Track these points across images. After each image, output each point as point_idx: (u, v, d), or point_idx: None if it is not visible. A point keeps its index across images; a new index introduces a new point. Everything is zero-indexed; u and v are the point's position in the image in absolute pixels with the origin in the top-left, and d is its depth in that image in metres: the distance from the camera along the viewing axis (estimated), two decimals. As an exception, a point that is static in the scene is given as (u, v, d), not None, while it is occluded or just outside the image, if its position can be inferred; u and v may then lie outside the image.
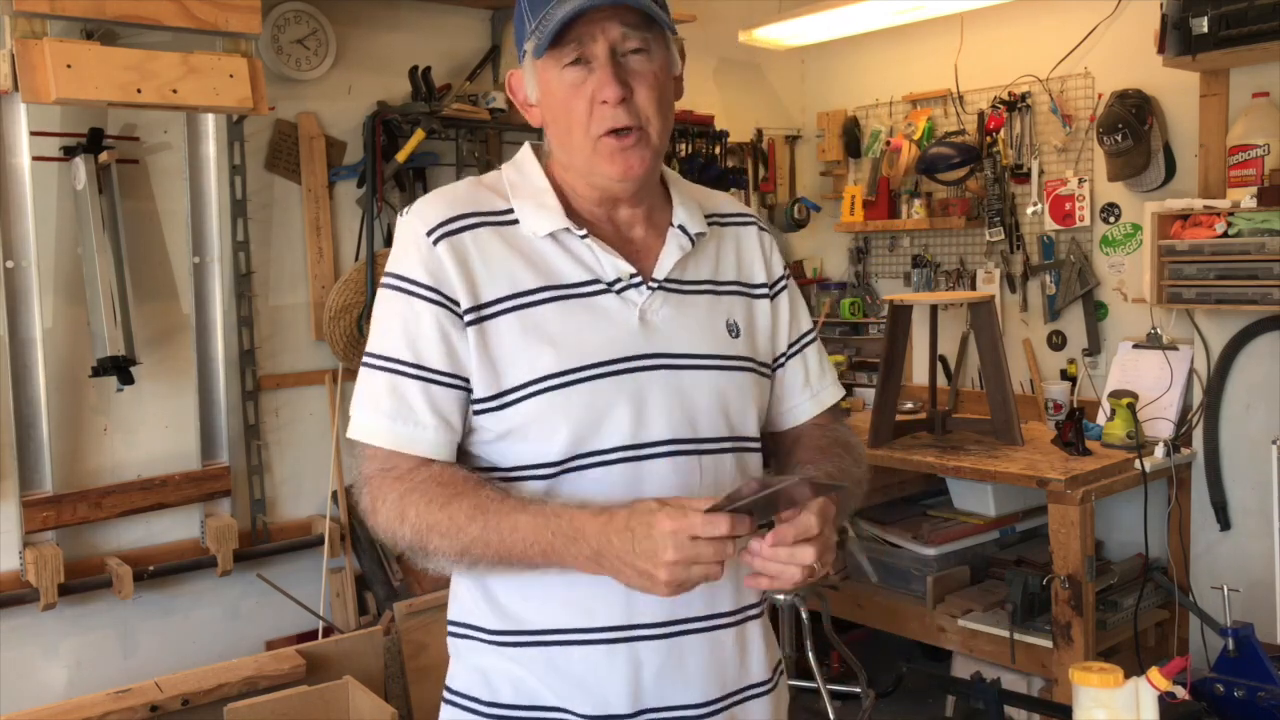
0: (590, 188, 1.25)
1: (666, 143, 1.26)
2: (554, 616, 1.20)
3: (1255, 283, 2.92)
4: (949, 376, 3.66)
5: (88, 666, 2.82)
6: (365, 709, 2.52)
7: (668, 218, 1.31)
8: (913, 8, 3.49)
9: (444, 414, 1.19)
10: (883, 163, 4.05)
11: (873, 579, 3.34)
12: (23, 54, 2.39)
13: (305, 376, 3.19)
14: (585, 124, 1.19)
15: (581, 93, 1.18)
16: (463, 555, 1.14)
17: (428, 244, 1.20)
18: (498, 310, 1.19)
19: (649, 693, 1.21)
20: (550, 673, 1.21)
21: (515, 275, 1.21)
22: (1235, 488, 3.14)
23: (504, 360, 1.19)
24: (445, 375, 1.19)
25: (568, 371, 1.18)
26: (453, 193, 1.27)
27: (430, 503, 1.15)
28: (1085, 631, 2.79)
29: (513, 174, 1.29)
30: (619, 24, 1.17)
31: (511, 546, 1.11)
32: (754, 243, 1.38)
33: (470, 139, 3.37)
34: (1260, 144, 2.99)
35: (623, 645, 1.20)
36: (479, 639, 1.26)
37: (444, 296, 1.19)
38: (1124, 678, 1.26)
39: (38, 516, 2.64)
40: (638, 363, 1.21)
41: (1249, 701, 1.61)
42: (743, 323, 1.31)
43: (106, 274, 2.68)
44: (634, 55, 1.19)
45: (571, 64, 1.18)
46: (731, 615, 1.26)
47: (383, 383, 1.20)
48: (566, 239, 1.24)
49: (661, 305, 1.25)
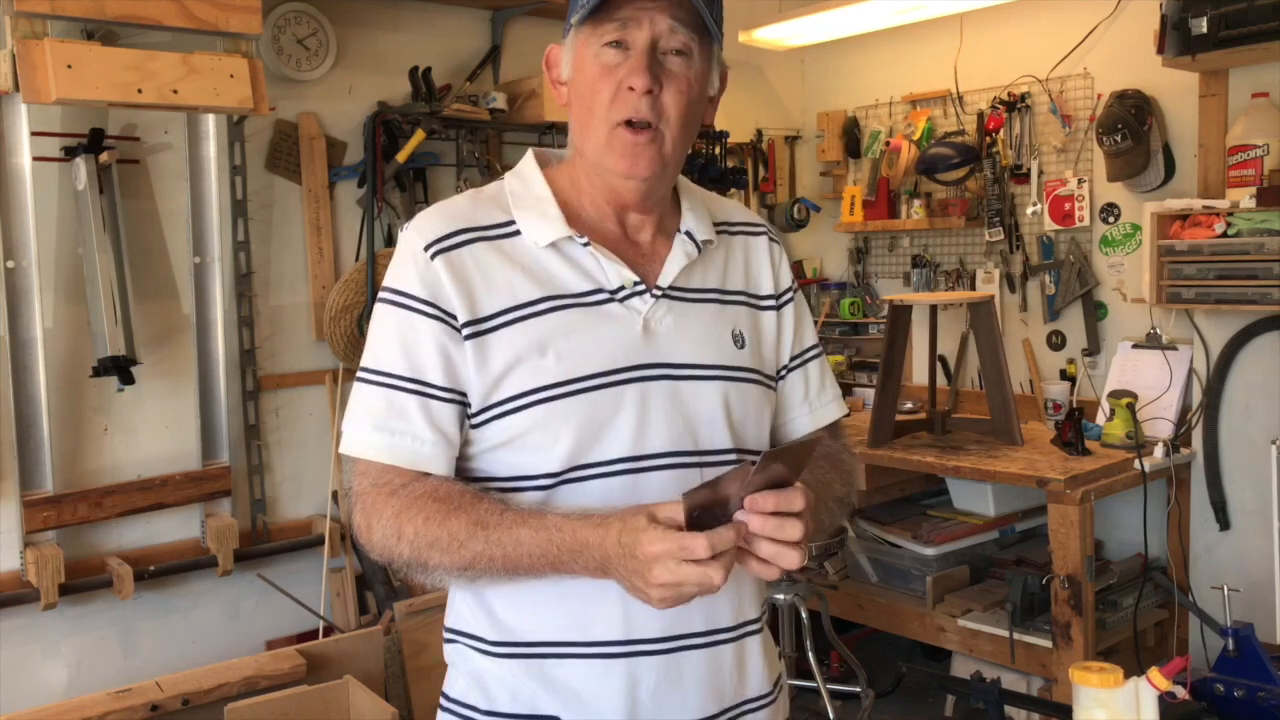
0: (600, 185, 1.23)
1: (682, 157, 1.23)
2: (551, 629, 1.19)
3: (1255, 283, 2.93)
4: (949, 376, 3.66)
5: (88, 666, 2.83)
6: (365, 709, 2.52)
7: (677, 224, 1.29)
8: (913, 8, 3.49)
9: (442, 428, 1.17)
10: (882, 163, 4.05)
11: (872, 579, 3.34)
12: (23, 54, 2.39)
13: (305, 376, 3.19)
14: (607, 108, 1.16)
15: (612, 76, 1.16)
16: (465, 570, 1.13)
17: (425, 259, 1.18)
18: (498, 323, 1.18)
19: (645, 708, 1.19)
20: (545, 684, 1.20)
21: (516, 287, 1.19)
22: (1235, 488, 3.14)
23: (504, 370, 1.17)
24: (443, 390, 1.17)
25: (569, 381, 1.16)
26: (451, 208, 1.25)
27: (428, 519, 1.12)
28: (1085, 631, 2.79)
29: (515, 183, 1.27)
30: (669, 17, 1.15)
31: (517, 561, 1.10)
32: (764, 253, 1.36)
33: (470, 139, 3.37)
34: (1260, 144, 2.99)
35: (620, 660, 1.18)
36: (476, 648, 1.24)
37: (441, 311, 1.17)
38: (1124, 678, 1.26)
39: (38, 516, 2.65)
40: (640, 372, 1.19)
41: (1249, 701, 1.61)
42: (748, 333, 1.29)
43: (107, 274, 2.68)
44: (675, 56, 1.17)
45: (611, 44, 1.16)
46: (731, 631, 1.25)
47: (379, 397, 1.18)
48: (569, 248, 1.22)
49: (666, 314, 1.23)
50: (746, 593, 1.27)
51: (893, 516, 3.48)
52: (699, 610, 1.19)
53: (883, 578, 3.43)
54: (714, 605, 1.21)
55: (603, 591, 1.16)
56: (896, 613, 3.32)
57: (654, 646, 1.19)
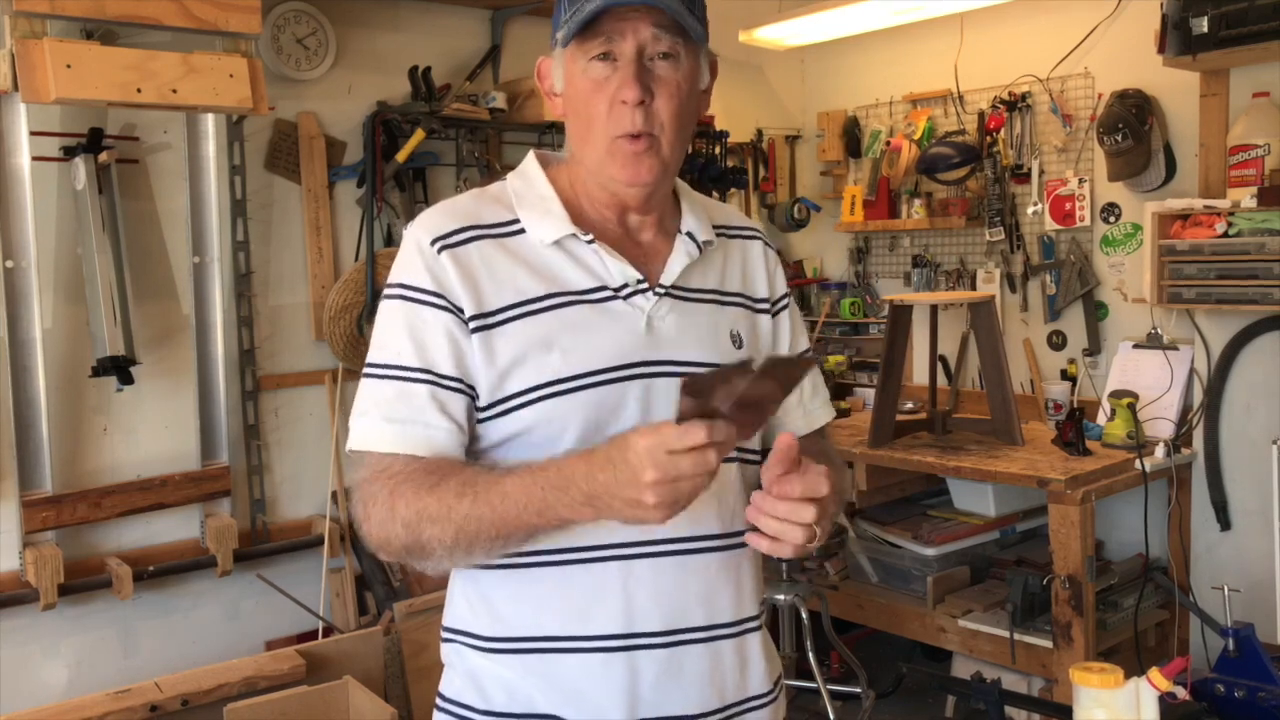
0: (601, 189, 1.25)
1: (681, 155, 1.24)
2: (550, 623, 1.19)
3: (1255, 283, 2.92)
4: (949, 376, 3.66)
5: (87, 666, 2.82)
6: (365, 709, 2.52)
7: (677, 224, 1.30)
8: (913, 8, 3.49)
9: (454, 416, 1.17)
10: (883, 163, 4.05)
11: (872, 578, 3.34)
12: (23, 54, 2.39)
13: (305, 376, 3.19)
14: (604, 122, 1.18)
15: (604, 90, 1.18)
16: (458, 537, 1.10)
17: (431, 252, 1.19)
18: (504, 319, 1.18)
19: (646, 702, 1.19)
20: (544, 680, 1.20)
21: (521, 284, 1.20)
22: (1235, 488, 3.14)
23: (510, 366, 1.17)
24: (453, 380, 1.17)
25: (575, 376, 1.17)
26: (456, 205, 1.26)
27: (418, 489, 1.12)
28: (1085, 631, 2.79)
29: (517, 183, 1.29)
30: (650, 24, 1.16)
31: (505, 514, 1.08)
32: (759, 257, 1.38)
33: (470, 139, 3.37)
34: (1260, 144, 2.99)
35: (620, 654, 1.18)
36: (472, 645, 1.25)
37: (449, 302, 1.18)
38: (1124, 678, 1.26)
39: (38, 516, 2.64)
40: (644, 368, 1.20)
41: (1249, 702, 1.61)
42: (746, 334, 1.31)
43: (106, 274, 2.68)
44: (662, 61, 1.18)
45: (598, 58, 1.17)
46: (732, 626, 1.25)
47: (389, 389, 1.17)
48: (573, 245, 1.23)
49: (668, 312, 1.24)
50: (746, 589, 1.27)
51: (893, 516, 3.48)
52: (699, 605, 1.20)
53: (883, 578, 3.43)
54: (715, 601, 1.22)
55: (603, 583, 1.17)
56: (897, 613, 3.32)
57: (655, 640, 1.19)
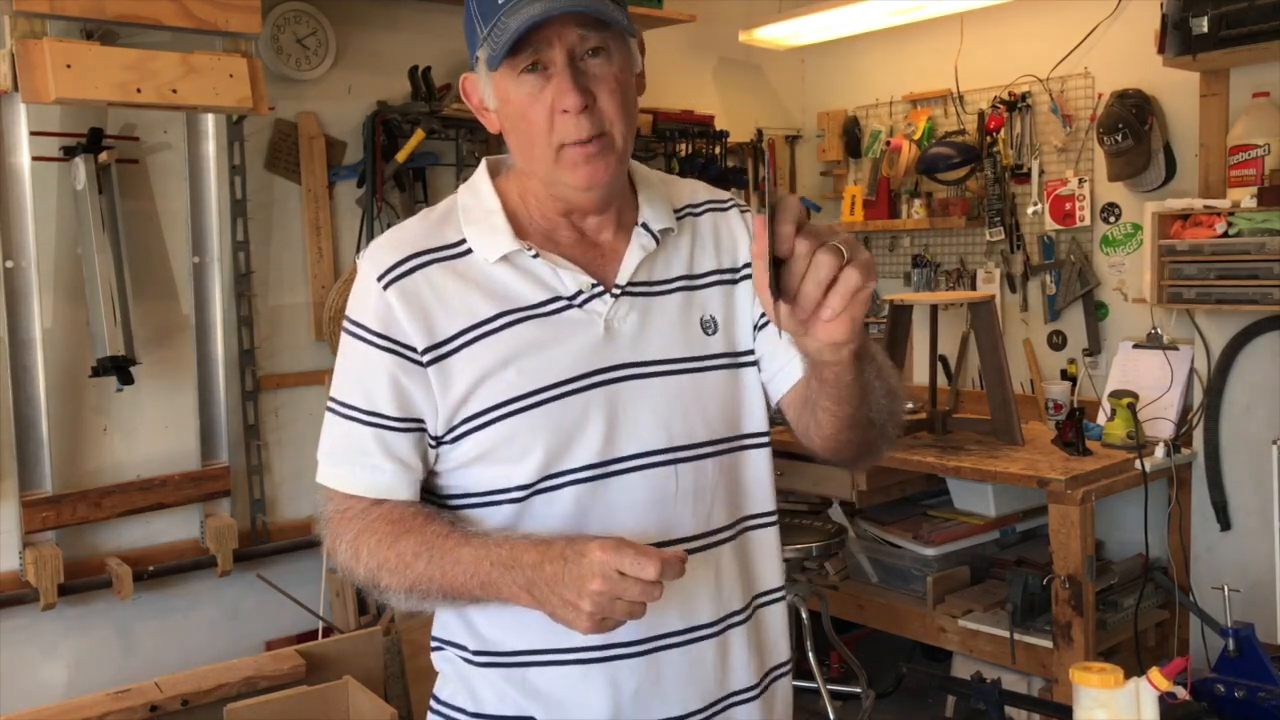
0: (553, 197, 1.21)
1: (631, 144, 1.21)
2: (528, 638, 1.20)
3: (1255, 283, 2.92)
4: (949, 376, 3.66)
5: (87, 666, 2.82)
6: (365, 709, 2.52)
7: (635, 217, 1.26)
8: (913, 8, 3.49)
9: (401, 458, 1.20)
10: (883, 163, 4.05)
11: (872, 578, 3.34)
12: (22, 54, 2.39)
13: (305, 376, 3.19)
14: (546, 134, 1.14)
15: (540, 101, 1.13)
16: (411, 591, 1.15)
17: (378, 290, 1.19)
18: (459, 344, 1.18)
19: (628, 710, 1.20)
20: (528, 693, 1.21)
21: (473, 306, 1.19)
22: (1235, 488, 3.14)
23: (470, 389, 1.17)
24: (397, 421, 1.19)
25: (534, 392, 1.17)
26: (402, 233, 1.24)
27: (380, 541, 1.16)
28: (1085, 631, 2.79)
29: (466, 196, 1.26)
30: (575, 26, 1.12)
31: (453, 580, 1.12)
32: (736, 224, 1.33)
33: (470, 139, 3.37)
34: (1260, 144, 2.98)
35: (599, 665, 1.19)
36: (461, 656, 1.26)
37: (395, 343, 1.18)
38: (1124, 678, 1.26)
39: (37, 516, 2.64)
40: (605, 375, 1.19)
41: (1249, 702, 1.61)
42: (721, 316, 1.27)
43: (106, 274, 2.68)
44: (593, 59, 1.14)
45: (527, 70, 1.14)
46: (712, 626, 1.24)
47: (341, 430, 1.21)
48: (520, 259, 1.20)
49: (629, 312, 1.22)
50: (729, 584, 1.26)
51: (893, 516, 3.48)
52: (675, 609, 1.20)
53: (883, 578, 3.43)
54: (693, 602, 1.22)
55: None
56: (897, 613, 3.32)
57: (632, 650, 1.19)
